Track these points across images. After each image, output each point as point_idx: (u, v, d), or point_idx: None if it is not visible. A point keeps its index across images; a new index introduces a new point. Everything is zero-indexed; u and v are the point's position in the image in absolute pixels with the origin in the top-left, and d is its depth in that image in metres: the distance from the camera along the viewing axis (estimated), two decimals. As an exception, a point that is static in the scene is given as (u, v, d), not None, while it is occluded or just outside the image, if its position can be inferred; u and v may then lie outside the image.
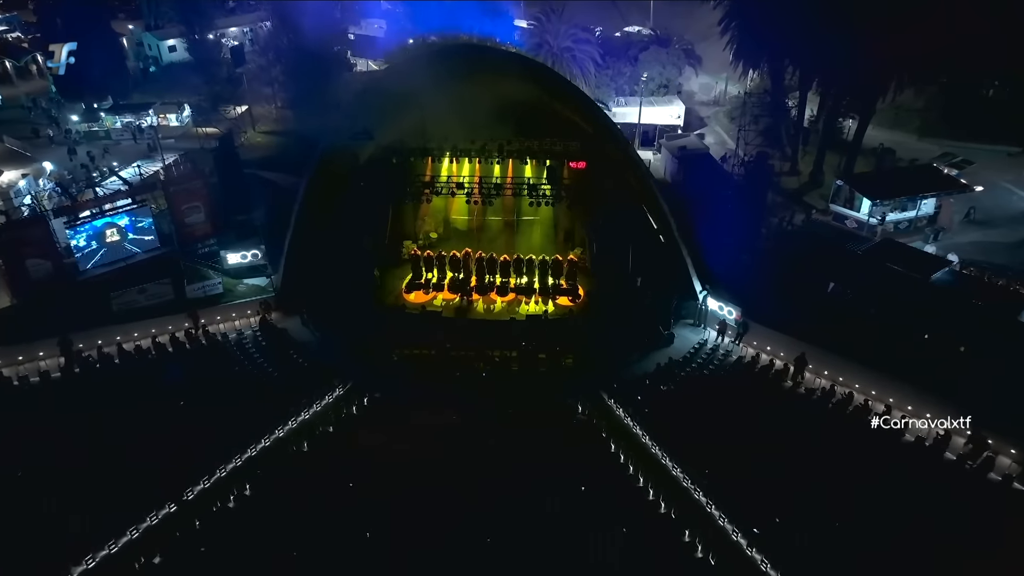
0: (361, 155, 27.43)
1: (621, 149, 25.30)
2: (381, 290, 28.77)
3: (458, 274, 29.36)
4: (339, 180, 26.63)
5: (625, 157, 25.41)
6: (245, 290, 28.69)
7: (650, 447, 20.96)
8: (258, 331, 26.83)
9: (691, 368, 25.18)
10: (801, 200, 36.32)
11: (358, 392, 23.56)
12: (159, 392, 22.14)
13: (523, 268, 29.12)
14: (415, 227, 31.61)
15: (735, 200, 30.49)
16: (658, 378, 24.29)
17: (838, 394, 22.60)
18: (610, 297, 28.05)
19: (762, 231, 29.62)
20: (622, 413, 22.58)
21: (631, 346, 26.03)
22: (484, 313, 28.02)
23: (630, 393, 23.24)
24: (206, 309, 27.04)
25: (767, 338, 25.62)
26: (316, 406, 22.77)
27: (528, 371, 24.88)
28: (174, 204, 26.76)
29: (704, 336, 27.05)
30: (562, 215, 30.20)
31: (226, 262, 28.81)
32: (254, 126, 46.57)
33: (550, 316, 27.47)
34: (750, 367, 24.73)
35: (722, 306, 26.76)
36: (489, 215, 30.70)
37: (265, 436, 20.97)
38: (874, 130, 40.82)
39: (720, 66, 58.06)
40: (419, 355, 25.43)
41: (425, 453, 20.65)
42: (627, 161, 25.46)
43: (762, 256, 29.09)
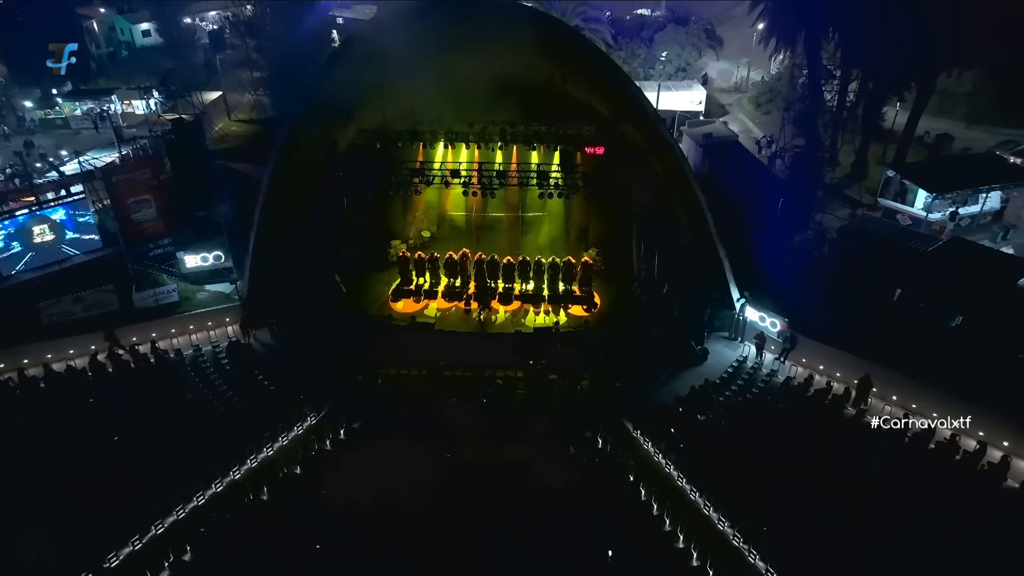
0: (339, 138, 23.93)
1: (649, 130, 21.63)
2: (358, 299, 25.23)
3: (454, 279, 26.00)
4: (312, 168, 23.15)
5: (654, 140, 21.75)
6: (206, 298, 25.40)
7: (688, 492, 17.46)
8: (219, 347, 23.35)
9: (731, 392, 21.70)
10: (843, 194, 32.81)
11: (333, 422, 20.15)
12: (90, 425, 18.61)
13: (530, 272, 25.75)
14: (404, 224, 28.21)
15: (775, 194, 27.07)
16: (692, 404, 20.81)
17: (915, 427, 19.03)
18: (632, 306, 24.68)
19: (808, 229, 26.10)
20: (651, 448, 19.13)
21: (658, 364, 22.57)
22: (484, 325, 24.51)
23: (660, 423, 19.76)
24: (158, 321, 23.60)
25: (819, 355, 22.17)
26: (282, 440, 19.35)
27: (537, 395, 21.44)
28: (117, 197, 23.30)
29: (742, 352, 23.58)
30: (575, 210, 26.77)
31: (183, 265, 25.45)
32: (229, 114, 43.22)
33: (561, 328, 24.01)
34: (801, 391, 21.22)
35: (764, 316, 23.30)
36: (490, 210, 27.34)
37: (216, 480, 17.48)
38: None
39: (739, 51, 54.87)
40: (407, 376, 22.12)
41: (411, 501, 17.23)
42: (657, 145, 21.82)
43: (808, 258, 25.63)
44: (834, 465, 17.58)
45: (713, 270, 23.24)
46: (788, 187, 25.46)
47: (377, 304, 25.66)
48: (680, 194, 22.27)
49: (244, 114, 43.59)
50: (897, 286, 22.34)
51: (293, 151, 22.11)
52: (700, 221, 21.82)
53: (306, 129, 22.01)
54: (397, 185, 22.51)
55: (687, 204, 22.09)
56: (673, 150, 21.12)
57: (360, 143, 24.52)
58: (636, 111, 21.28)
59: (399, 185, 22.55)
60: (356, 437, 20.05)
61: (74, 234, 24.21)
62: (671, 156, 21.25)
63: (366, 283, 26.68)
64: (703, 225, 21.83)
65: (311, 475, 18.41)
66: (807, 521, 15.75)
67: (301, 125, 21.65)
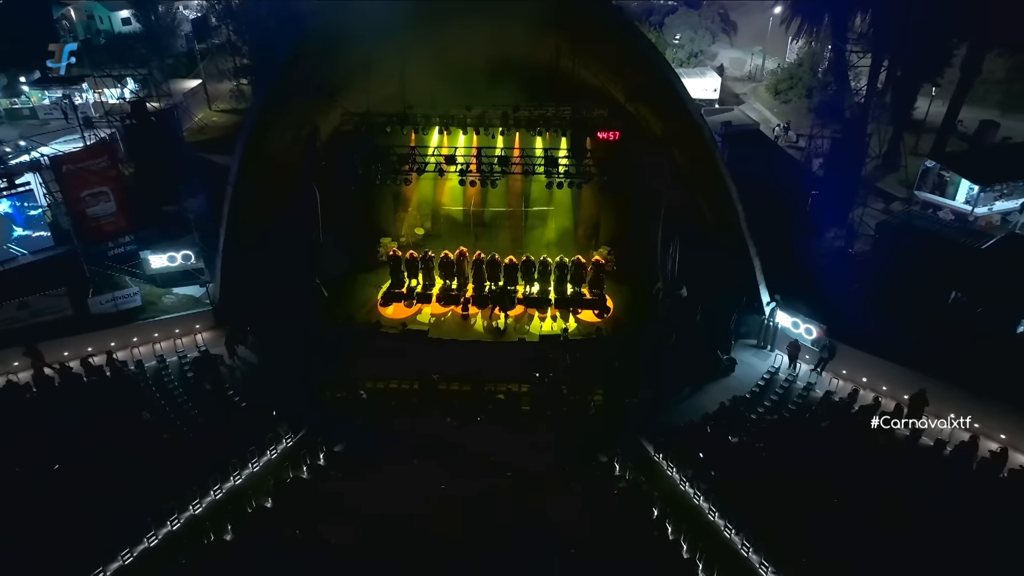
0: (321, 124, 21.70)
1: (677, 112, 19.23)
2: (342, 304, 23.06)
3: (450, 281, 23.80)
4: (290, 157, 20.91)
5: (682, 124, 19.34)
6: (174, 302, 23.21)
7: (723, 529, 15.21)
8: (186, 358, 21.11)
9: (763, 408, 19.48)
10: (875, 187, 30.61)
11: (312, 444, 17.90)
12: (27, 450, 16.31)
13: (534, 273, 23.49)
14: (395, 220, 26.02)
15: (804, 186, 24.91)
16: (722, 423, 18.54)
17: (982, 449, 16.82)
18: (649, 310, 22.47)
19: (845, 226, 23.93)
20: (676, 476, 16.87)
21: (680, 377, 20.36)
22: (484, 333, 22.36)
23: (685, 445, 17.53)
24: (118, 328, 21.38)
25: (861, 365, 20.03)
26: (252, 466, 17.07)
27: (542, 412, 19.19)
28: (69, 189, 20.99)
29: (773, 362, 21.37)
30: (585, 203, 24.56)
31: (148, 266, 23.17)
32: (210, 104, 41.05)
33: (570, 336, 21.75)
34: (845, 407, 18.97)
35: (797, 322, 21.08)
36: (490, 204, 25.11)
37: (171, 517, 15.19)
38: (943, 107, 35.39)
39: (751, 39, 52.86)
40: (397, 390, 19.96)
41: (400, 539, 15.02)
42: (684, 129, 19.42)
43: (844, 256, 23.45)
44: (891, 496, 15.32)
45: (741, 270, 21.00)
46: (826, 178, 23.22)
47: (364, 309, 23.49)
48: (707, 184, 19.97)
49: (226, 104, 41.47)
50: (952, 288, 20.09)
51: (264, 136, 19.81)
52: (729, 215, 19.53)
53: (280, 112, 19.71)
54: (385, 174, 20.18)
55: (715, 196, 19.81)
56: (702, 134, 18.79)
57: (347, 129, 22.28)
58: (663, 89, 18.87)
59: (387, 173, 20.22)
60: (337, 462, 17.80)
61: (23, 231, 21.92)
62: (700, 142, 18.90)
63: (352, 286, 24.54)
64: (732, 220, 19.55)
65: (284, 509, 16.11)
66: (864, 563, 13.50)
67: (272, 106, 19.32)
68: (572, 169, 20.19)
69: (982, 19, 26.95)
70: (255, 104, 20.03)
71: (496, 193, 24.44)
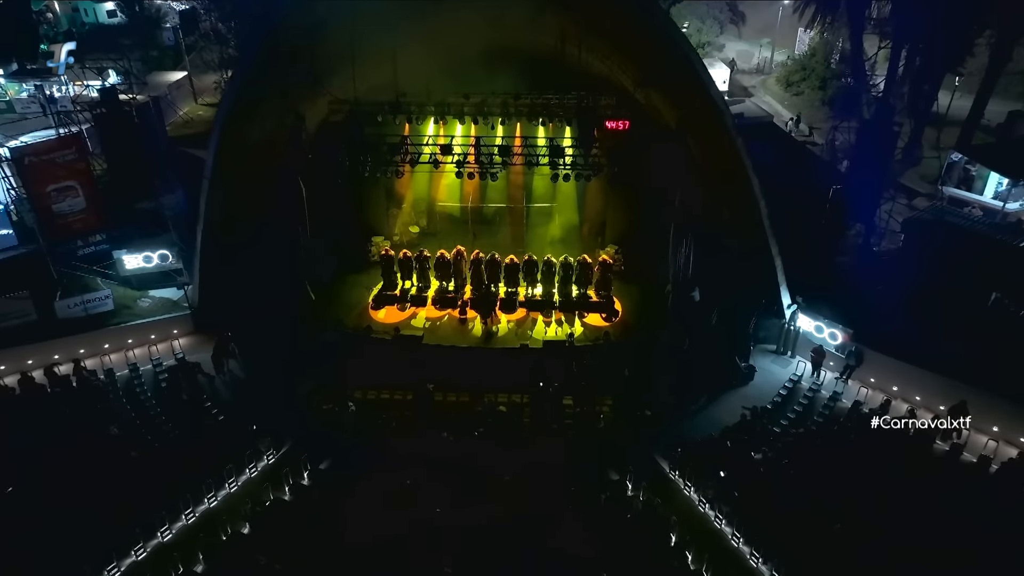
0: (307, 113, 20.31)
1: (698, 98, 17.70)
2: (331, 307, 21.73)
3: (447, 283, 22.46)
4: (273, 148, 19.51)
5: (703, 111, 17.80)
6: (150, 306, 21.76)
7: (748, 557, 13.86)
8: (161, 366, 19.70)
9: (789, 420, 18.12)
10: (896, 182, 29.24)
11: (295, 461, 16.50)
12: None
13: (537, 273, 22.09)
14: (387, 217, 24.63)
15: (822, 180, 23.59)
16: (743, 437, 17.17)
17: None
18: (660, 314, 21.12)
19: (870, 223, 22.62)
20: (695, 497, 15.53)
21: (695, 386, 18.99)
22: (483, 339, 20.98)
23: (704, 461, 16.17)
24: (88, 334, 19.97)
25: (891, 373, 18.66)
26: (228, 487, 15.71)
27: (547, 425, 17.85)
28: (33, 183, 19.56)
29: (795, 369, 20.00)
30: (591, 198, 23.23)
31: (123, 267, 21.73)
32: (196, 97, 39.68)
33: (576, 342, 20.36)
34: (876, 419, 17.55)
35: (820, 326, 19.71)
36: (489, 200, 23.79)
37: (136, 546, 13.83)
38: (961, 99, 34.17)
39: (758, 32, 51.59)
40: (389, 401, 18.61)
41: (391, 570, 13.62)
42: (705, 118, 17.92)
43: (868, 255, 22.17)
44: (934, 517, 13.97)
45: (761, 270, 19.63)
46: (851, 172, 21.90)
47: (354, 313, 22.09)
48: (726, 177, 18.55)
49: (212, 97, 39.96)
50: (991, 288, 18.73)
51: (243, 124, 18.37)
52: (751, 211, 18.13)
53: (260, 97, 18.26)
54: (375, 165, 18.74)
55: (736, 190, 18.39)
56: (724, 120, 17.34)
57: (336, 120, 20.88)
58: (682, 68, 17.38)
59: (377, 165, 18.78)
60: (323, 481, 16.40)
61: (-12, 228, 20.54)
62: (721, 129, 17.44)
63: (341, 287, 23.14)
64: (754, 216, 18.16)
65: (262, 536, 14.70)
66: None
67: (250, 90, 17.86)
68: (580, 160, 18.74)
69: (1012, 4, 25.57)
70: (231, 86, 18.57)
71: (496, 188, 23.18)
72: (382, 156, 18.59)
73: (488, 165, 18.64)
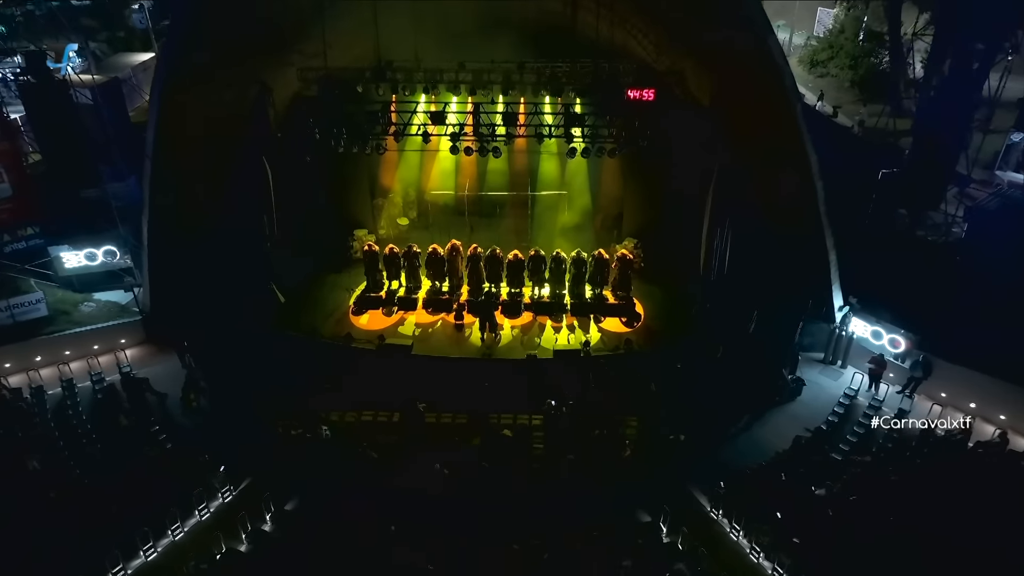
0: (274, 83, 17.62)
1: (742, 53, 14.95)
2: (304, 312, 19.39)
3: (440, 282, 20.11)
4: (232, 125, 16.77)
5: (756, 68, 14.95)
6: (94, 312, 19.41)
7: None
8: (103, 383, 17.05)
9: (851, 445, 15.53)
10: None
11: (256, 500, 13.92)
12: None
13: (544, 271, 19.65)
14: (372, 207, 22.38)
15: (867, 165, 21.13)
16: (800, 468, 14.53)
17: None
18: (689, 318, 18.58)
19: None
20: (746, 543, 12.87)
21: (736, 404, 16.39)
22: (483, 349, 18.58)
23: (753, 499, 13.51)
24: (14, 346, 17.45)
25: (967, 387, 16.16)
26: (172, 535, 13.02)
27: (561, 453, 15.28)
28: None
29: (851, 383, 17.48)
30: (606, 184, 20.81)
31: (62, 266, 19.26)
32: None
33: (592, 351, 17.75)
34: (958, 443, 14.96)
35: (879, 331, 17.24)
36: (489, 187, 21.47)
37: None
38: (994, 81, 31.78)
39: (773, 14, 48.98)
40: (372, 424, 16.16)
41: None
42: (758, 77, 15.08)
43: (929, 250, 19.70)
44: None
45: (811, 265, 17.05)
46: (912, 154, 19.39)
47: (332, 319, 19.80)
48: (778, 155, 15.79)
49: (182, 80, 37.40)
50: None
51: (193, 94, 15.60)
52: (805, 196, 15.44)
53: (213, 63, 15.43)
54: (351, 138, 15.95)
55: (788, 169, 15.65)
56: (782, 80, 14.54)
57: (311, 95, 18.28)
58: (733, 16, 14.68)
59: (354, 138, 15.98)
60: (288, 527, 13.68)
61: None
62: (777, 92, 14.63)
63: (317, 289, 20.92)
64: (808, 202, 15.48)
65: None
66: None
67: (195, 51, 14.99)
68: (604, 130, 15.90)
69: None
70: (169, 39, 15.75)
71: (497, 173, 20.86)
72: (360, 127, 15.78)
73: (489, 138, 15.88)
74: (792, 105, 14.54)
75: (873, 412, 16.51)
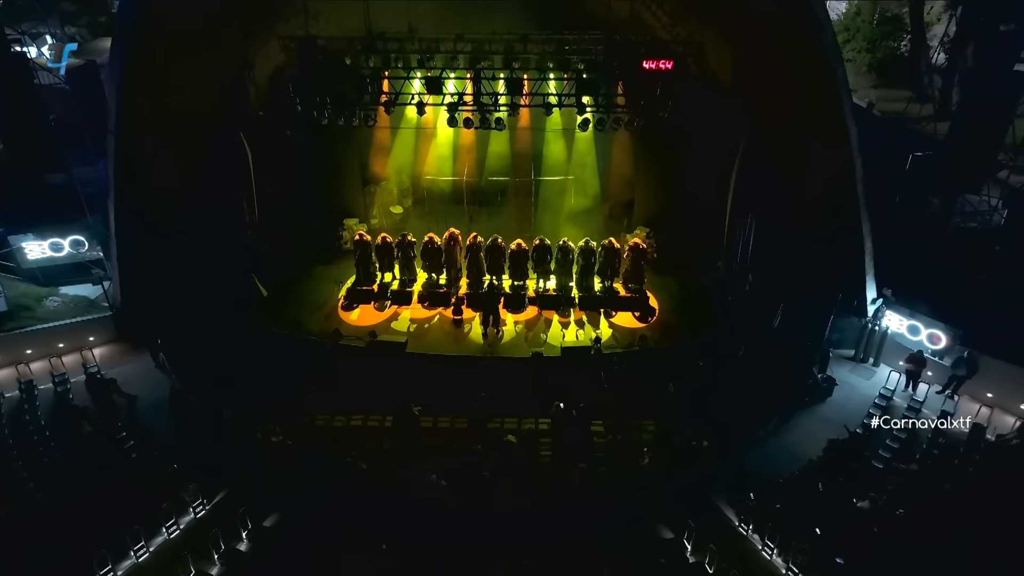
0: (256, 56, 16.26)
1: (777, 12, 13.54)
2: (289, 306, 18.21)
3: (437, 275, 18.93)
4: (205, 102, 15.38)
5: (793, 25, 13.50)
6: (59, 307, 18.10)
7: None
8: (66, 386, 15.72)
9: (892, 451, 14.23)
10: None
11: (232, 516, 12.54)
12: None
13: (550, 262, 18.32)
14: (363, 194, 21.02)
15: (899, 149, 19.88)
16: (839, 477, 13.20)
17: None
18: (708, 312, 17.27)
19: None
20: (780, 563, 11.57)
21: (762, 406, 15.07)
22: (484, 346, 17.22)
23: (787, 513, 12.21)
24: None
25: (1019, 386, 14.73)
26: (135, 556, 11.69)
27: (572, 462, 13.90)
28: None
29: (886, 382, 16.19)
30: (616, 166, 19.45)
31: (24, 257, 18.00)
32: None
33: (603, 349, 16.41)
34: (1013, 451, 13.64)
35: (917, 325, 16.03)
36: (489, 171, 19.98)
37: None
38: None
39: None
40: (362, 430, 14.77)
41: None
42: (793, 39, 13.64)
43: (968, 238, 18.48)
44: None
45: (844, 255, 15.73)
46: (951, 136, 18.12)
47: (319, 314, 18.41)
48: (809, 132, 14.39)
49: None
50: None
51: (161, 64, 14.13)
52: (842, 175, 14.06)
53: (183, 29, 13.97)
54: (336, 109, 14.54)
55: (822, 146, 14.27)
56: (822, 38, 13.06)
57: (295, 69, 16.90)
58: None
59: (339, 109, 14.56)
60: (267, 546, 12.32)
61: None
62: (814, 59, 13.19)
63: (303, 282, 19.60)
64: (845, 184, 14.09)
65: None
66: None
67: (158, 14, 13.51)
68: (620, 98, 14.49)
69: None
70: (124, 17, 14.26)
71: (498, 157, 19.48)
72: (346, 96, 14.36)
73: (492, 108, 14.47)
74: (833, 68, 13.14)
75: (913, 415, 15.22)
